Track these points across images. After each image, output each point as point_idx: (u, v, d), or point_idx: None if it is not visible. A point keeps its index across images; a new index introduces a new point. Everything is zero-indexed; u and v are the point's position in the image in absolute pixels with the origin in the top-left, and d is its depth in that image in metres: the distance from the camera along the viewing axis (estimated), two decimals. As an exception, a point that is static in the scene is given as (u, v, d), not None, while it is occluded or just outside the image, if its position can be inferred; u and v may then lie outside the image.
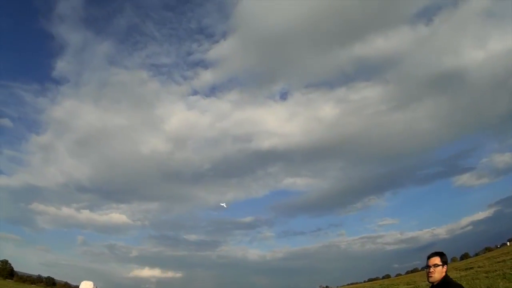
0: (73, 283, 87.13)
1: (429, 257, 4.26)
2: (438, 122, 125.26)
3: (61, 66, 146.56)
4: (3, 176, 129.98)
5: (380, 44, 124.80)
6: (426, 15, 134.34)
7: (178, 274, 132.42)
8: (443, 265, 4.16)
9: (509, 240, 58.39)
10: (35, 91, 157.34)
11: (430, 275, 4.19)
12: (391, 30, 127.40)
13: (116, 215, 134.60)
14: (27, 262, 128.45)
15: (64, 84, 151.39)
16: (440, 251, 4.27)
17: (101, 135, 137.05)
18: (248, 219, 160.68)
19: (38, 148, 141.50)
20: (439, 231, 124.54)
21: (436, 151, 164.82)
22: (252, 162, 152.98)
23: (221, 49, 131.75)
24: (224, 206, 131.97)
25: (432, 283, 4.21)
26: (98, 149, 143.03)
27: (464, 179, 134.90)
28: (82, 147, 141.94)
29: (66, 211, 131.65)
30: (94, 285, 5.32)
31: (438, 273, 4.15)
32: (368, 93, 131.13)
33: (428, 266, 4.24)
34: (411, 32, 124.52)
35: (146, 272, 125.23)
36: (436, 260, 4.19)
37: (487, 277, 23.52)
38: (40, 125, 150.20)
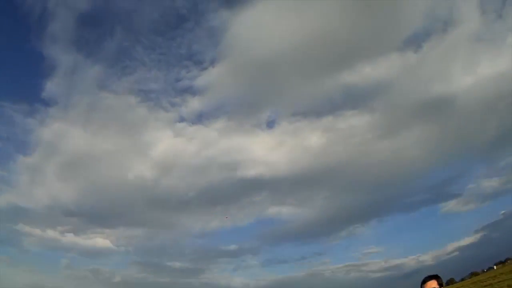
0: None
1: (424, 282, 3.76)
2: (425, 149, 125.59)
3: (51, 87, 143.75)
4: None
5: (368, 72, 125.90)
6: (415, 42, 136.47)
7: None
8: None
9: (496, 264, 57.08)
10: (24, 111, 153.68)
11: None
12: (380, 57, 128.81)
13: (100, 240, 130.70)
14: (12, 282, 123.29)
15: (53, 105, 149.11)
16: (435, 274, 3.78)
17: (88, 159, 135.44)
18: (232, 247, 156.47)
19: (25, 169, 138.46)
20: (424, 257, 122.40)
21: (423, 178, 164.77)
22: (237, 190, 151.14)
23: (209, 76, 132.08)
24: (227, 217, 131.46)
25: None
26: (85, 173, 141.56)
27: (451, 205, 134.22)
28: (69, 170, 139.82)
29: (51, 233, 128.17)
30: None
31: None
32: (355, 122, 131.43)
33: None
34: (399, 59, 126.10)
35: None
36: (433, 284, 3.71)
37: None
38: (29, 146, 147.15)
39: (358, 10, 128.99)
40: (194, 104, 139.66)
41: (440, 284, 3.73)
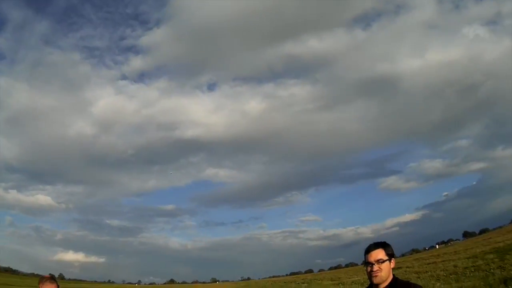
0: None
1: (368, 251, 2.91)
2: (366, 125, 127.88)
3: (0, 42, 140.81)
4: None
5: (313, 44, 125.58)
6: (365, 20, 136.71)
7: (101, 259, 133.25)
8: (390, 260, 2.87)
9: (438, 243, 57.82)
10: None
11: (374, 274, 2.83)
12: (327, 32, 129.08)
13: (42, 197, 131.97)
14: None
15: (1, 60, 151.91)
16: (382, 241, 2.95)
17: (31, 115, 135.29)
18: (170, 207, 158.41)
19: None
20: (363, 230, 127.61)
21: (362, 153, 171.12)
22: (175, 150, 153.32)
23: (153, 37, 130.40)
24: (171, 173, 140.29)
25: (378, 284, 2.85)
26: (27, 129, 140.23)
27: (390, 181, 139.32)
28: (12, 125, 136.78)
29: None
30: None
31: (385, 270, 2.83)
32: (296, 91, 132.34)
33: (369, 263, 2.87)
34: (347, 35, 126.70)
35: (70, 256, 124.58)
36: (380, 254, 2.87)
37: (418, 277, 20.00)
38: None
39: None
40: (137, 63, 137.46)
41: (389, 255, 2.86)
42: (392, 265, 2.90)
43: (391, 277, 2.88)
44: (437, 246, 55.61)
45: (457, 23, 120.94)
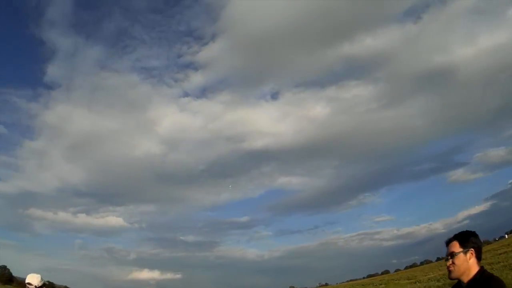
0: (72, 287, 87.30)
1: (446, 244, 2.94)
2: (429, 119, 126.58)
3: (52, 71, 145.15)
4: None
5: (368, 43, 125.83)
6: (415, 14, 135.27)
7: (177, 275, 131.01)
8: (465, 252, 2.77)
9: (507, 233, 58.98)
10: (28, 96, 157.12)
11: (449, 269, 2.87)
12: (380, 29, 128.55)
13: (113, 218, 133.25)
14: (26, 267, 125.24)
15: (56, 89, 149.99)
16: (463, 231, 2.89)
17: (95, 139, 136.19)
18: (244, 218, 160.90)
19: (32, 154, 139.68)
20: (436, 225, 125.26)
21: (429, 147, 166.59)
22: (246, 162, 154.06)
23: (210, 51, 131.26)
24: (230, 186, 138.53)
25: (457, 279, 2.86)
26: (92, 153, 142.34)
27: (459, 174, 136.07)
28: (77, 151, 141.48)
29: (63, 215, 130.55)
30: (41, 278, 5.27)
31: (460, 265, 2.78)
32: (359, 92, 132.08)
33: (446, 258, 2.91)
34: (399, 30, 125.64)
35: (145, 274, 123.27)
36: (453, 247, 2.85)
37: (492, 268, 23.38)
38: (34, 130, 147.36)
39: None
40: (197, 78, 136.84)
41: (465, 246, 2.78)
42: (470, 256, 2.74)
43: (475, 270, 2.73)
44: (506, 236, 57.02)
45: (502, 6, 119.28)
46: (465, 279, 2.75)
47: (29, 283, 5.24)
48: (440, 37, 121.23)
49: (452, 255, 2.81)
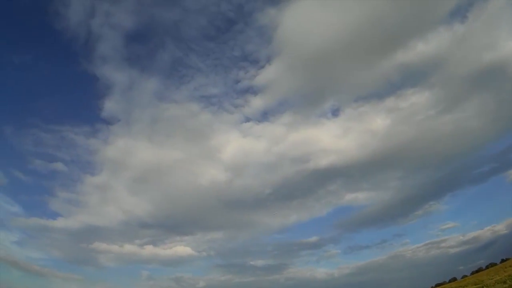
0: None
1: None
2: (485, 119, 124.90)
3: (110, 106, 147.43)
4: (61, 218, 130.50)
5: (421, 48, 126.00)
6: (460, 13, 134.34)
7: None
8: None
9: None
10: (86, 133, 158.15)
11: None
12: (429, 32, 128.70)
13: (181, 248, 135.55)
14: None
15: (115, 123, 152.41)
16: None
17: (158, 171, 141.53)
18: (313, 238, 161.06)
19: (94, 189, 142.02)
20: (499, 227, 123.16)
21: (487, 148, 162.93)
22: (312, 182, 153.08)
23: (267, 74, 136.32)
24: (275, 213, 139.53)
25: None
26: (157, 184, 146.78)
27: None
28: (140, 184, 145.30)
29: (128, 248, 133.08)
30: None
31: None
32: (416, 99, 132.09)
33: None
34: (448, 32, 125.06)
35: None
36: None
37: None
38: (95, 166, 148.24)
39: None
40: (257, 102, 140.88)
41: None
42: None
43: None
44: None
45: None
46: None
47: None
48: (487, 34, 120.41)
49: None
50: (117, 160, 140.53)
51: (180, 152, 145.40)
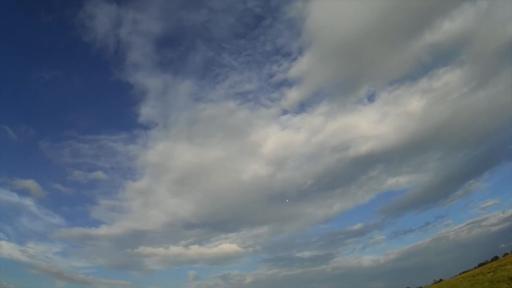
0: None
1: None
2: None
3: (146, 111, 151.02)
4: (103, 226, 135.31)
5: (447, 27, 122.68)
6: None
7: None
8: None
9: None
10: (124, 140, 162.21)
11: None
12: (454, 10, 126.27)
13: (226, 245, 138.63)
14: None
15: (153, 128, 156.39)
16: None
17: (199, 171, 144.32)
18: (358, 226, 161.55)
19: (136, 194, 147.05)
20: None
21: None
22: (353, 169, 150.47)
23: (301, 66, 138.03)
24: (287, 201, 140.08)
25: None
26: (199, 184, 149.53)
27: None
28: (182, 185, 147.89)
29: (174, 249, 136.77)
30: None
31: None
32: (449, 78, 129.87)
33: None
34: (472, 8, 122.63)
35: None
36: None
37: None
38: (135, 171, 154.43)
39: None
40: (293, 95, 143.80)
41: None
42: None
43: None
44: None
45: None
46: None
47: None
48: (509, 6, 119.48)
49: None
50: (158, 164, 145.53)
51: (220, 150, 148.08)
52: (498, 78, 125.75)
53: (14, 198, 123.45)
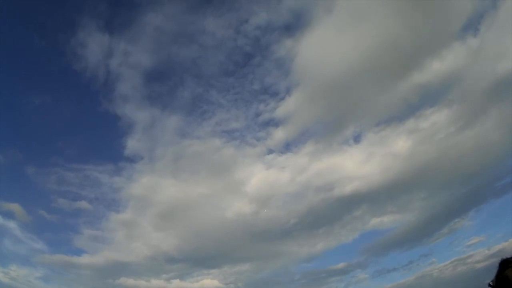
0: None
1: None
2: (505, 129, 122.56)
3: (132, 144, 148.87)
4: (86, 255, 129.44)
5: (436, 67, 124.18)
6: (472, 26, 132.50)
7: None
8: None
9: None
10: (110, 171, 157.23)
11: None
12: (444, 50, 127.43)
13: (208, 281, 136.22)
14: None
15: (138, 161, 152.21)
16: None
17: (184, 206, 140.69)
18: (341, 265, 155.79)
19: (120, 225, 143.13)
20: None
21: (509, 159, 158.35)
22: (337, 209, 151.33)
23: (288, 106, 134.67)
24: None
25: None
26: (182, 219, 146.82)
27: None
28: (166, 219, 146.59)
29: (155, 283, 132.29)
30: None
31: None
32: (436, 118, 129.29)
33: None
34: (462, 47, 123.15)
35: None
36: None
37: None
38: (119, 203, 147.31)
39: (412, 10, 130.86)
40: (279, 134, 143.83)
41: None
42: None
43: None
44: None
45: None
46: None
47: None
48: (499, 44, 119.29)
49: None
50: (142, 197, 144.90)
51: (205, 187, 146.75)
52: (486, 116, 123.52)
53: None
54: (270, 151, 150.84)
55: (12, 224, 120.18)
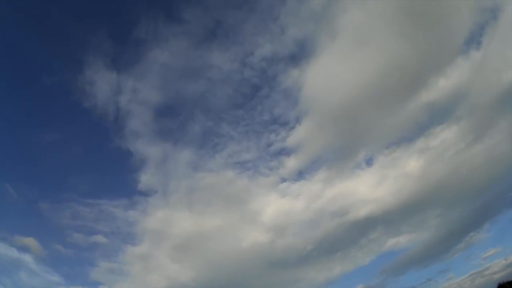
0: None
1: None
2: None
3: (146, 179, 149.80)
4: (102, 287, 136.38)
5: (442, 84, 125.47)
6: (475, 39, 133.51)
7: None
8: None
9: None
10: (124, 206, 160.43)
11: None
12: (448, 66, 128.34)
13: None
14: None
15: (152, 195, 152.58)
16: None
17: (199, 238, 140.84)
18: (359, 287, 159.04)
19: (136, 258, 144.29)
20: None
21: None
22: (353, 232, 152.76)
23: (298, 134, 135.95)
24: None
25: None
26: (198, 251, 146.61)
27: None
28: (182, 251, 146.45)
29: None
30: None
31: None
32: (445, 136, 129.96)
33: None
34: (466, 61, 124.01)
35: None
36: None
37: None
38: (135, 236, 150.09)
39: (414, 30, 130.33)
40: (291, 163, 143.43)
41: None
42: None
43: None
44: None
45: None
46: None
47: None
48: (502, 54, 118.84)
49: None
50: (158, 230, 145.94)
51: (220, 218, 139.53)
52: (494, 128, 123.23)
53: (13, 253, 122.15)
54: (284, 180, 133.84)
55: (27, 258, 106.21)
